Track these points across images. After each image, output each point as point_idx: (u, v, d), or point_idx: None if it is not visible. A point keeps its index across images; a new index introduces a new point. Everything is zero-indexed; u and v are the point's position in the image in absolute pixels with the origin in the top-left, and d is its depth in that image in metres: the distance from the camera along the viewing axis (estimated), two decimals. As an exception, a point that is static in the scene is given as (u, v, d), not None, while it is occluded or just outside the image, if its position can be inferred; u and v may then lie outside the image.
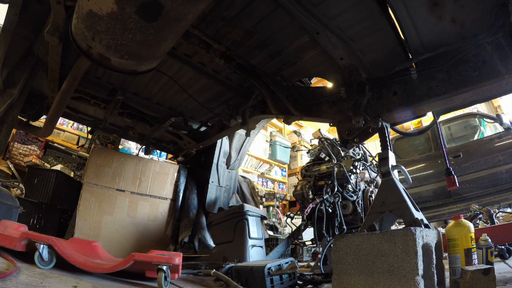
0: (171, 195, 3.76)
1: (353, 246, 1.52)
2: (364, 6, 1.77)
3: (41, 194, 3.20)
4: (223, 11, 2.04)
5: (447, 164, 2.65)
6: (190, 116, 3.61)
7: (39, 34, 2.14)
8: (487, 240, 1.88)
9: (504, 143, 3.92)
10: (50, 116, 2.76)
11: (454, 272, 1.57)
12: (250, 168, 6.85)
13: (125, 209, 3.40)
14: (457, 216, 1.69)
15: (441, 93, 1.77)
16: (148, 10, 1.37)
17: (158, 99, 3.29)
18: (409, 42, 1.88)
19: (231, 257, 2.63)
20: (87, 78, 2.87)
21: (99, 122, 3.62)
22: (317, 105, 2.33)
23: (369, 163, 3.23)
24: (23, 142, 4.18)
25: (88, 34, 1.57)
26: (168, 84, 2.97)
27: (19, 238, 1.61)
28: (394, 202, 1.69)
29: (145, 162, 3.73)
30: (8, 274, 1.27)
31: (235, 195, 4.08)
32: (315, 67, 2.44)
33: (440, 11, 1.66)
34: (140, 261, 1.66)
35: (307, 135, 7.44)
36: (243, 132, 3.29)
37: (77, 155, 4.55)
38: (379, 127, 1.96)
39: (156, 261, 1.66)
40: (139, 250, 3.13)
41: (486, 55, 1.65)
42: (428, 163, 4.53)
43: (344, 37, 1.99)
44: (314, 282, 2.07)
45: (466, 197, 4.02)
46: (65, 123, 4.74)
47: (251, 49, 2.36)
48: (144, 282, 1.82)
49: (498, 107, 7.57)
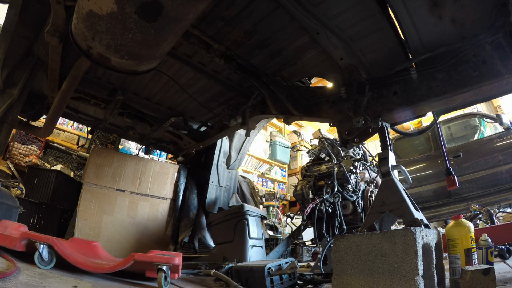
0: (171, 195, 3.76)
1: (353, 246, 1.52)
2: (364, 6, 1.77)
3: (41, 194, 3.20)
4: (223, 11, 2.04)
5: (447, 164, 2.64)
6: (190, 116, 3.61)
7: (39, 34, 2.14)
8: (487, 240, 1.87)
9: (504, 143, 3.92)
10: (50, 116, 2.76)
11: (454, 272, 1.57)
12: (250, 168, 6.85)
13: (125, 209, 3.40)
14: (457, 216, 1.69)
15: (441, 93, 1.77)
16: (148, 10, 1.37)
17: (158, 99, 3.29)
18: (409, 42, 1.88)
19: (231, 257, 2.63)
20: (87, 78, 2.87)
21: (99, 122, 3.62)
22: (317, 105, 2.33)
23: (369, 163, 3.23)
24: (23, 142, 4.17)
25: (88, 34, 1.57)
26: (168, 84, 2.97)
27: (19, 238, 1.61)
28: (394, 202, 1.69)
29: (145, 162, 3.73)
30: (8, 274, 1.27)
31: (235, 195, 4.08)
32: (315, 67, 2.44)
33: (440, 11, 1.66)
34: (140, 261, 1.66)
35: (307, 135, 7.43)
36: (243, 132, 3.29)
37: (77, 155, 4.55)
38: (379, 127, 1.96)
39: (156, 261, 1.66)
40: (139, 250, 3.13)
41: (486, 55, 1.65)
42: (428, 163, 4.53)
43: (344, 37, 1.99)
44: (314, 282, 2.07)
45: (466, 197, 4.02)
46: (65, 123, 4.74)
47: (251, 49, 2.36)
48: (144, 282, 1.82)
49: (498, 107, 7.56)
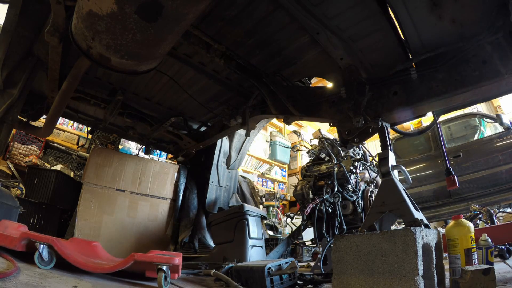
0: (171, 195, 3.76)
1: (353, 246, 1.51)
2: (364, 6, 1.77)
3: (41, 194, 3.20)
4: (223, 11, 2.04)
5: (447, 164, 2.64)
6: (190, 116, 3.61)
7: (39, 34, 2.14)
8: (487, 240, 1.87)
9: (504, 143, 3.92)
10: (50, 116, 2.76)
11: (454, 272, 1.57)
12: (250, 168, 6.85)
13: (125, 209, 3.40)
14: (457, 216, 1.69)
15: (441, 93, 1.77)
16: (148, 10, 1.37)
17: (158, 99, 3.29)
18: (409, 42, 1.88)
19: (231, 257, 2.63)
20: (87, 78, 2.87)
21: (99, 122, 3.62)
22: (317, 105, 2.33)
23: (369, 163, 3.23)
24: (23, 142, 4.17)
25: (88, 34, 1.57)
26: (168, 84, 2.97)
27: (19, 238, 1.61)
28: (394, 202, 1.69)
29: (145, 162, 3.73)
30: (8, 274, 1.27)
31: (235, 195, 4.08)
32: (315, 67, 2.44)
33: (440, 11, 1.65)
34: (140, 261, 1.67)
35: (307, 135, 7.43)
36: (243, 132, 3.29)
37: (77, 155, 4.55)
38: (379, 127, 1.96)
39: (156, 261, 1.66)
40: (139, 250, 3.13)
41: (486, 55, 1.65)
42: (428, 163, 4.53)
43: (344, 37, 1.99)
44: (314, 282, 2.07)
45: (466, 197, 4.02)
46: (65, 123, 4.74)
47: (251, 49, 2.36)
48: (144, 282, 1.82)
49: (498, 107, 7.56)
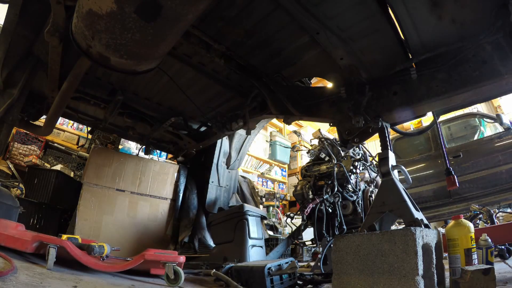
0: (171, 195, 3.76)
1: (353, 246, 1.51)
2: (364, 6, 1.77)
3: (41, 194, 3.20)
4: (223, 11, 2.03)
5: (447, 164, 2.64)
6: (190, 116, 3.61)
7: (39, 34, 2.14)
8: (487, 240, 1.87)
9: (504, 143, 3.92)
10: (50, 116, 2.76)
11: (454, 272, 1.57)
12: (250, 168, 6.85)
13: (125, 209, 3.40)
14: (457, 216, 1.69)
15: (441, 93, 1.77)
16: (147, 10, 1.37)
17: (158, 99, 3.29)
18: (409, 42, 1.88)
19: (231, 257, 2.63)
20: (87, 78, 2.86)
21: (99, 122, 3.62)
22: (317, 105, 2.33)
23: (369, 163, 3.23)
24: (23, 142, 4.17)
25: (87, 33, 1.57)
26: (168, 84, 2.97)
27: (30, 241, 1.63)
28: (394, 202, 1.69)
29: (145, 162, 3.73)
30: (4, 273, 1.26)
31: (235, 195, 4.08)
32: (315, 67, 2.44)
33: (440, 11, 1.65)
34: (150, 260, 1.79)
35: (307, 135, 7.43)
36: (243, 132, 3.30)
37: (77, 155, 4.55)
38: (379, 127, 1.96)
39: (164, 259, 1.82)
40: (139, 250, 3.12)
41: (486, 55, 1.65)
42: (428, 163, 4.53)
43: (344, 37, 1.99)
44: (314, 282, 2.07)
45: (466, 197, 4.02)
46: (65, 123, 4.74)
47: (251, 49, 2.36)
48: (145, 278, 1.87)
49: (498, 107, 7.56)
